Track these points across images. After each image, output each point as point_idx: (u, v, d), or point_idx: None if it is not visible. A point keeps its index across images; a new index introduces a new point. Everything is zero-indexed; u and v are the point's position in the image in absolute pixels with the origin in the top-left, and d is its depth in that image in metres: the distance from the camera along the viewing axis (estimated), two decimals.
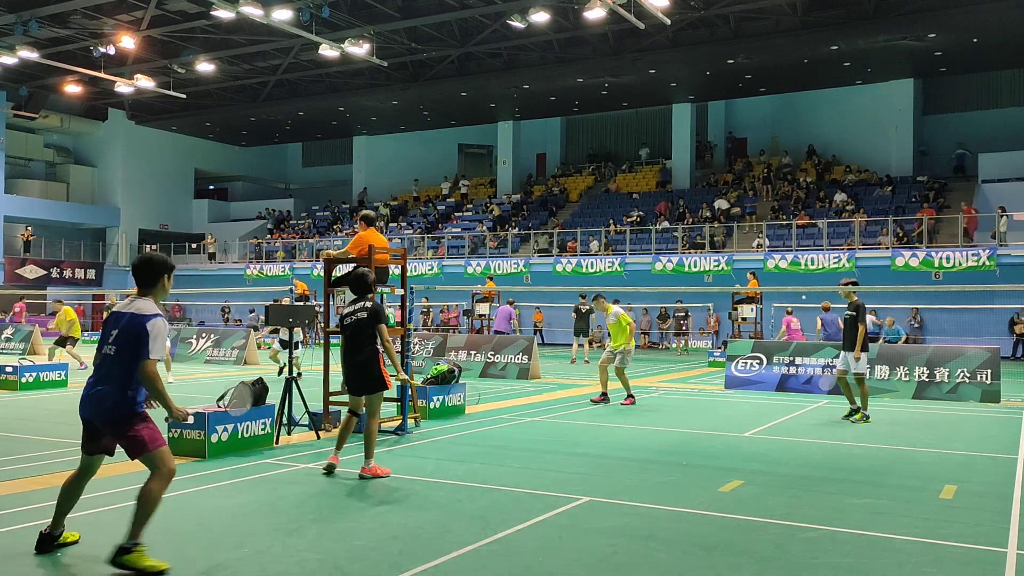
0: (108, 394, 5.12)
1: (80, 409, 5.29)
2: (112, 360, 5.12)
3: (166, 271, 5.30)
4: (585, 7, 23.14)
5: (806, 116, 37.26)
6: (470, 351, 18.56)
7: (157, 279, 5.26)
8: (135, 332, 5.05)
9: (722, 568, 5.15)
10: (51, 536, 5.29)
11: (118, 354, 5.10)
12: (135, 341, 5.05)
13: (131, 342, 5.06)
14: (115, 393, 5.11)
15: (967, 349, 14.87)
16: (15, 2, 27.12)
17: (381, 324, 7.72)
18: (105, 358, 5.17)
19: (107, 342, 5.16)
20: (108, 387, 5.12)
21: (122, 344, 5.09)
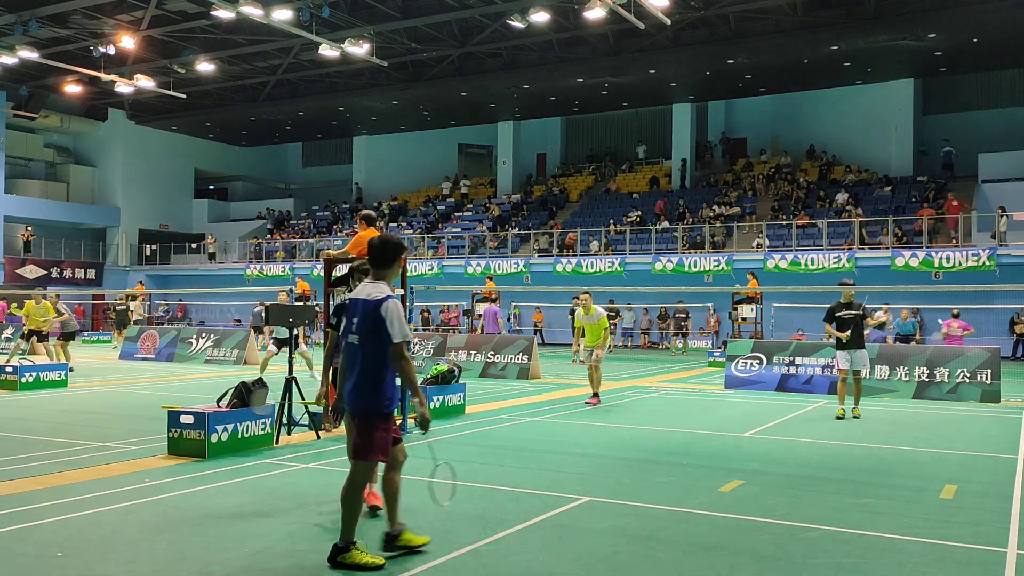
0: (360, 385, 5.06)
1: (340, 402, 5.32)
2: (358, 349, 5.07)
3: (400, 253, 5.29)
4: (585, 7, 23.14)
5: (806, 116, 37.26)
6: (470, 351, 18.56)
7: (393, 260, 5.23)
8: (373, 318, 4.99)
9: (722, 568, 5.15)
10: (390, 535, 5.25)
11: (362, 342, 5.05)
12: (375, 327, 4.99)
13: (372, 328, 5.00)
14: (367, 384, 5.05)
15: (967, 349, 14.88)
16: (15, 2, 27.11)
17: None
18: (349, 348, 5.14)
19: (350, 331, 5.12)
20: (361, 378, 5.06)
21: (364, 332, 5.03)
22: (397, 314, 4.98)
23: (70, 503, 6.57)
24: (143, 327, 25.14)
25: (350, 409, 5.13)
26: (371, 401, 5.02)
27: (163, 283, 42.29)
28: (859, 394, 12.25)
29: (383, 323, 4.95)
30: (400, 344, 4.96)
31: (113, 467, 8.03)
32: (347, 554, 4.97)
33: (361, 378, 5.03)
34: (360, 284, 5.34)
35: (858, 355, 12.11)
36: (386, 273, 5.22)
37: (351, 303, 5.20)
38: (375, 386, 5.01)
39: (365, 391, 5.03)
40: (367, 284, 5.20)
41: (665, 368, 21.85)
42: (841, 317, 12.14)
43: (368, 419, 5.03)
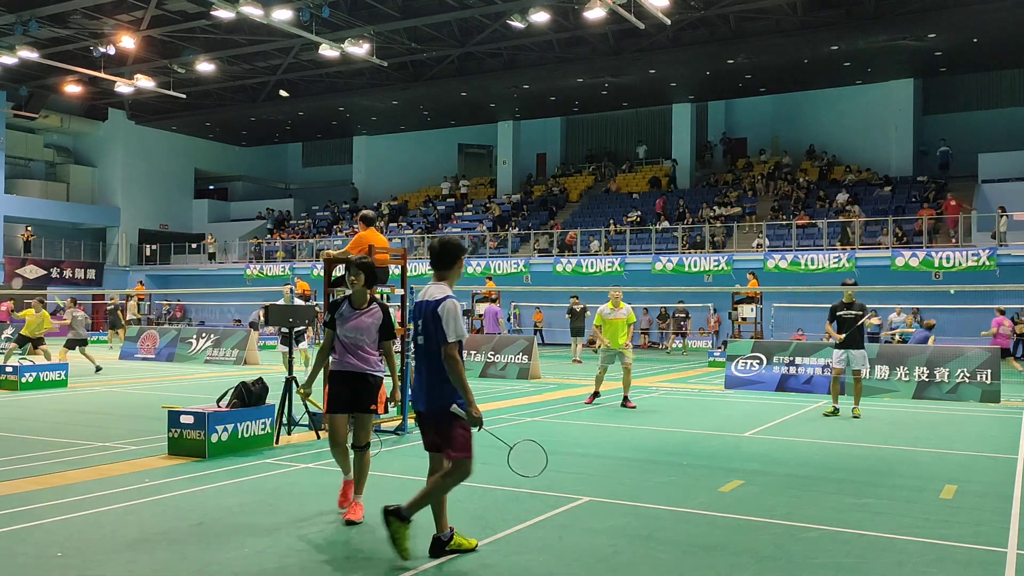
0: (430, 385, 5.17)
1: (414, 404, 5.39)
2: (424, 350, 5.21)
3: (461, 254, 5.40)
4: (585, 7, 23.14)
5: (806, 116, 37.26)
6: (470, 351, 18.55)
7: (453, 262, 5.34)
8: (433, 318, 5.12)
9: (722, 568, 5.15)
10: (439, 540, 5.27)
11: (427, 342, 5.18)
12: (436, 327, 5.11)
13: (434, 329, 5.12)
14: (435, 383, 5.15)
15: (967, 349, 14.88)
16: (15, 2, 27.12)
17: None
18: (418, 348, 5.29)
19: (417, 332, 5.29)
20: (427, 378, 5.19)
21: (428, 332, 5.17)
22: (454, 314, 5.11)
23: (70, 503, 6.57)
24: (143, 327, 25.14)
25: (424, 409, 5.25)
26: (445, 400, 5.14)
27: (163, 283, 42.29)
28: (859, 394, 12.33)
29: (440, 322, 5.09)
30: (452, 344, 5.06)
31: (113, 467, 8.03)
32: (452, 542, 5.21)
33: (432, 378, 5.17)
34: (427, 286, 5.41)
35: (856, 355, 12.18)
36: (448, 274, 5.34)
37: (416, 306, 5.33)
38: (444, 384, 5.13)
39: (435, 390, 5.16)
40: (431, 286, 5.32)
41: (665, 368, 21.84)
42: (841, 317, 12.18)
43: (445, 416, 5.14)
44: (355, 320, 6.26)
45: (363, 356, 6.25)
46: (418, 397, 5.28)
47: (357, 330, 6.24)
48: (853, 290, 12.37)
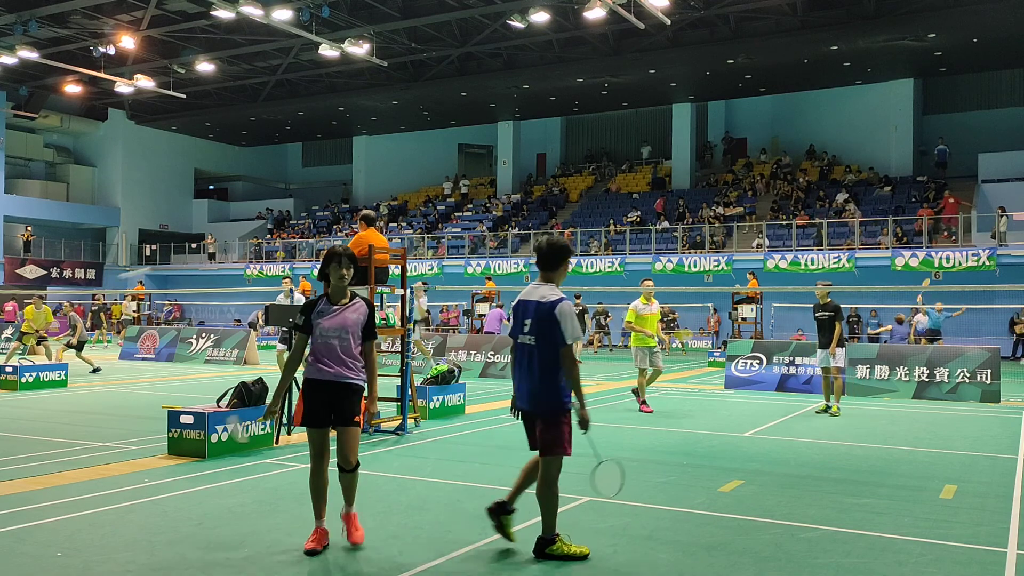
0: (539, 384, 5.21)
1: (517, 400, 5.41)
2: (534, 349, 5.22)
3: (568, 255, 5.43)
4: (585, 7, 23.13)
5: (806, 116, 37.26)
6: (470, 351, 18.56)
7: (560, 263, 5.37)
8: (548, 319, 5.14)
9: (722, 568, 5.15)
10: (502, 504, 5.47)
11: (538, 343, 5.20)
12: (550, 328, 5.13)
13: (547, 329, 5.15)
14: (544, 383, 5.19)
15: (967, 349, 14.88)
16: (15, 2, 27.12)
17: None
18: (524, 348, 5.29)
19: (522, 331, 5.28)
20: (537, 377, 5.21)
21: (539, 333, 5.19)
22: (570, 315, 5.15)
23: (70, 503, 6.57)
24: (143, 327, 25.13)
25: (531, 408, 5.28)
26: (552, 399, 5.20)
27: (163, 283, 42.30)
28: (838, 392, 12.49)
29: (557, 324, 5.11)
30: (570, 345, 5.14)
31: (113, 467, 8.03)
32: (553, 546, 5.18)
33: (540, 378, 5.21)
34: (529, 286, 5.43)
35: (824, 353, 12.38)
36: (554, 275, 5.37)
37: (521, 304, 5.35)
38: (554, 384, 5.19)
39: (546, 390, 5.21)
40: (538, 286, 5.34)
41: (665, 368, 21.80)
42: (818, 319, 12.36)
43: (552, 416, 5.21)
44: (337, 317, 5.43)
45: (344, 361, 5.40)
46: (524, 396, 5.32)
47: (341, 328, 5.40)
48: (825, 290, 12.45)
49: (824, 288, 12.49)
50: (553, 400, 5.20)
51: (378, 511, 6.36)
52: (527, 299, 5.33)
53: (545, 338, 5.17)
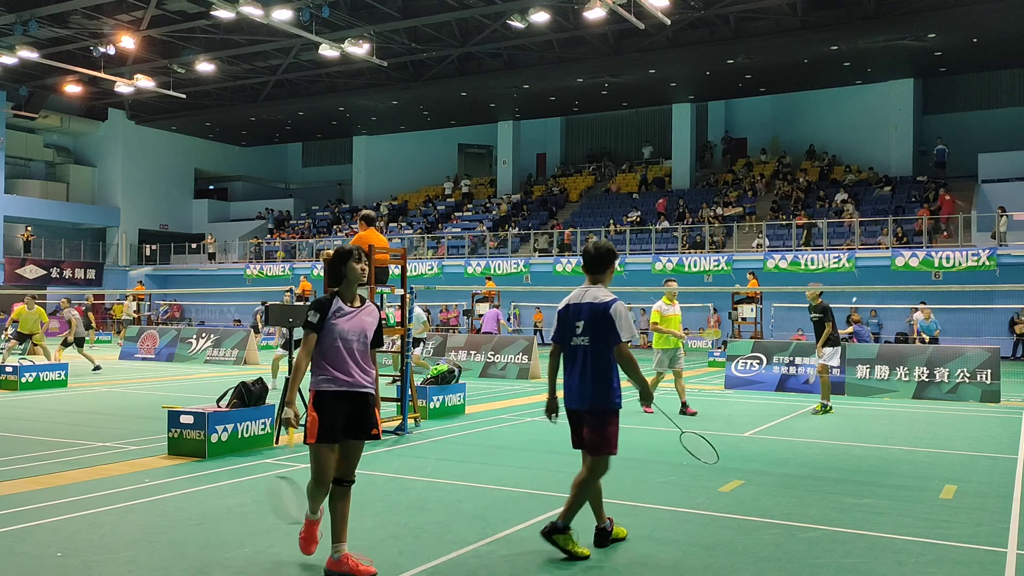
0: (594, 384, 5.34)
1: (566, 402, 5.51)
2: (589, 350, 5.35)
3: (614, 258, 5.59)
4: (585, 7, 23.13)
5: (806, 116, 37.27)
6: (470, 351, 18.56)
7: (608, 265, 5.54)
8: (603, 319, 5.29)
9: (722, 568, 5.15)
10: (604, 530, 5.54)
11: (593, 343, 5.34)
12: (605, 328, 5.29)
13: (601, 330, 5.30)
14: (599, 383, 5.34)
15: (967, 349, 14.88)
16: (15, 2, 27.12)
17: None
18: (577, 349, 5.40)
19: (575, 334, 5.40)
20: (592, 378, 5.35)
21: (594, 333, 5.33)
22: (626, 315, 5.32)
23: (70, 503, 6.57)
24: (143, 327, 25.13)
25: (583, 407, 5.40)
26: (606, 399, 5.35)
27: (163, 283, 42.30)
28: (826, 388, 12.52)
29: (613, 324, 5.27)
30: (626, 343, 5.30)
31: (113, 467, 8.03)
32: (562, 536, 5.27)
33: (595, 378, 5.34)
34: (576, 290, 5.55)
35: (826, 351, 12.41)
36: (602, 277, 5.54)
37: (572, 307, 5.47)
38: (608, 384, 5.34)
39: (599, 390, 5.34)
40: (588, 289, 5.49)
41: None
42: (811, 320, 12.43)
43: (603, 415, 5.36)
44: (355, 319, 5.02)
45: (362, 367, 5.04)
46: (575, 396, 5.43)
47: (360, 332, 5.03)
48: (815, 291, 12.49)
49: (814, 289, 12.56)
50: (606, 400, 5.35)
51: (378, 511, 6.36)
52: (578, 302, 5.45)
53: (600, 338, 5.32)
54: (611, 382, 5.35)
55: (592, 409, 5.36)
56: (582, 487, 5.39)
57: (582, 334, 5.37)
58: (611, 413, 5.37)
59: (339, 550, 4.91)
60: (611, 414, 5.37)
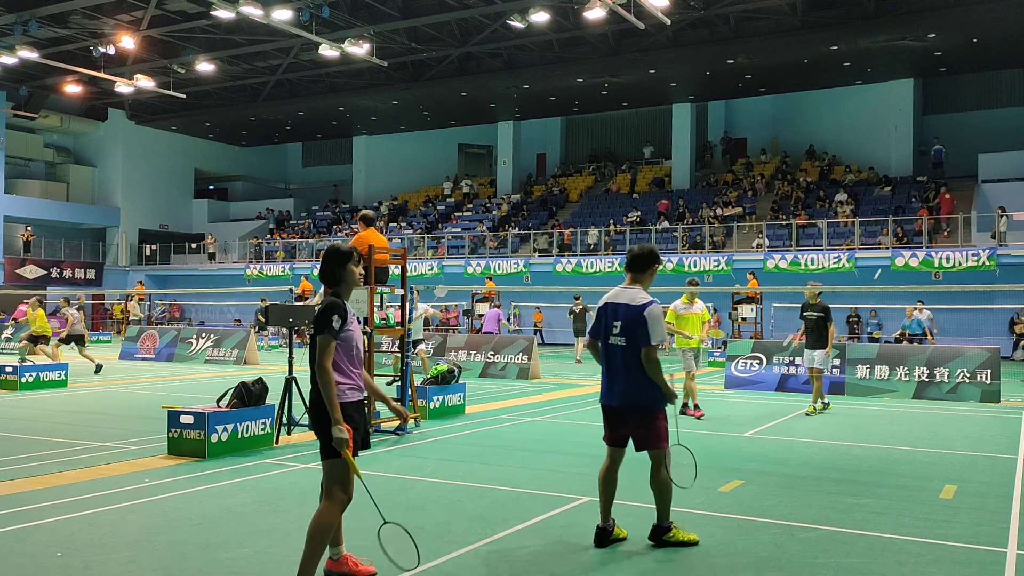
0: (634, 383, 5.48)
1: (603, 399, 5.65)
2: (624, 350, 5.49)
3: (657, 261, 5.74)
4: (585, 7, 23.13)
5: (806, 116, 37.26)
6: (470, 351, 18.56)
7: (648, 267, 5.67)
8: (636, 321, 5.44)
9: (722, 568, 5.15)
10: (605, 530, 5.57)
11: (630, 343, 5.46)
12: (637, 330, 5.44)
13: (634, 331, 5.44)
14: (639, 382, 5.47)
15: (967, 349, 14.88)
16: (15, 2, 27.12)
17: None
18: (616, 348, 5.53)
19: (612, 333, 5.53)
20: (631, 377, 5.49)
21: (629, 334, 5.46)
22: (657, 318, 5.44)
23: (70, 503, 6.57)
24: (143, 327, 25.13)
25: (627, 405, 5.54)
26: (649, 397, 5.50)
27: (163, 283, 42.30)
28: (817, 392, 12.51)
29: (645, 326, 5.42)
30: (654, 346, 5.43)
31: (113, 467, 8.03)
32: (669, 533, 5.47)
33: (634, 377, 5.49)
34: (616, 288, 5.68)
35: (816, 354, 12.40)
36: (642, 278, 5.68)
37: (610, 306, 5.60)
38: (647, 381, 5.48)
39: (643, 389, 5.49)
40: (626, 289, 5.63)
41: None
42: (806, 318, 12.38)
43: (649, 413, 5.52)
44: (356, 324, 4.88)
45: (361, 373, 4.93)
46: (614, 395, 5.56)
47: (361, 338, 4.95)
48: (814, 291, 12.50)
49: (814, 288, 12.56)
50: (649, 398, 5.50)
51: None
52: (615, 301, 5.59)
53: (635, 339, 5.45)
54: (652, 383, 5.50)
55: (633, 407, 5.52)
56: (659, 484, 5.51)
57: (619, 334, 5.51)
58: (657, 409, 5.53)
59: (339, 552, 4.93)
60: (658, 410, 5.53)
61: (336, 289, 4.83)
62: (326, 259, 4.87)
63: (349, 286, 4.86)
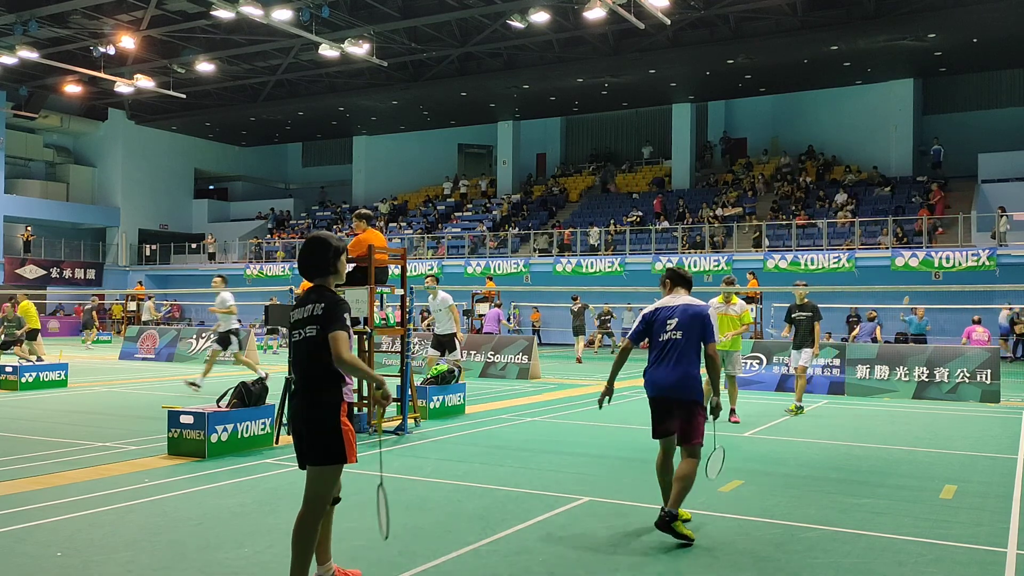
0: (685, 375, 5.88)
1: (650, 389, 6.03)
2: (681, 345, 5.91)
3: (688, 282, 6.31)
4: (585, 7, 23.13)
5: (806, 116, 37.25)
6: (470, 351, 18.56)
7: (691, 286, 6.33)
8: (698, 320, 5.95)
9: (722, 568, 5.15)
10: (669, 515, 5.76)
11: (686, 340, 5.91)
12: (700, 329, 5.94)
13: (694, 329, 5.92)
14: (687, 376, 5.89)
15: (967, 349, 14.87)
16: (15, 2, 27.12)
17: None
18: (671, 343, 5.96)
19: (665, 331, 5.99)
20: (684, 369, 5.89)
21: (688, 332, 5.92)
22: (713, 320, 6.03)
23: (70, 503, 6.57)
24: (143, 327, 25.13)
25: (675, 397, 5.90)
26: (694, 390, 5.91)
27: (163, 283, 42.30)
28: (800, 390, 12.57)
29: (709, 325, 5.99)
30: (714, 343, 6.00)
31: (113, 467, 8.03)
32: (676, 522, 5.64)
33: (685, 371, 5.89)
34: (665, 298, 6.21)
35: (805, 353, 12.45)
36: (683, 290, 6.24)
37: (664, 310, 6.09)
38: (696, 377, 5.95)
39: (688, 381, 5.88)
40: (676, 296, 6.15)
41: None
42: (795, 319, 12.42)
43: (692, 406, 5.90)
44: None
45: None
46: (665, 386, 5.92)
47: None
48: (804, 291, 12.55)
49: (803, 289, 12.61)
50: (695, 391, 5.90)
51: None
52: (671, 305, 6.09)
53: (693, 336, 5.91)
54: (698, 377, 5.94)
55: (684, 400, 5.88)
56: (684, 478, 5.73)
57: (675, 329, 5.95)
58: (699, 405, 5.91)
59: (328, 568, 4.64)
60: (699, 405, 5.91)
61: (323, 281, 4.52)
62: (319, 248, 4.53)
63: (340, 278, 4.61)
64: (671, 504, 5.69)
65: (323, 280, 4.52)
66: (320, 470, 4.39)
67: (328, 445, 4.35)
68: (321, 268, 4.52)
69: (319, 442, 4.36)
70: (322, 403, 4.37)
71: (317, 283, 4.54)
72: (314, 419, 4.38)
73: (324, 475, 4.39)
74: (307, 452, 4.39)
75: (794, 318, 12.49)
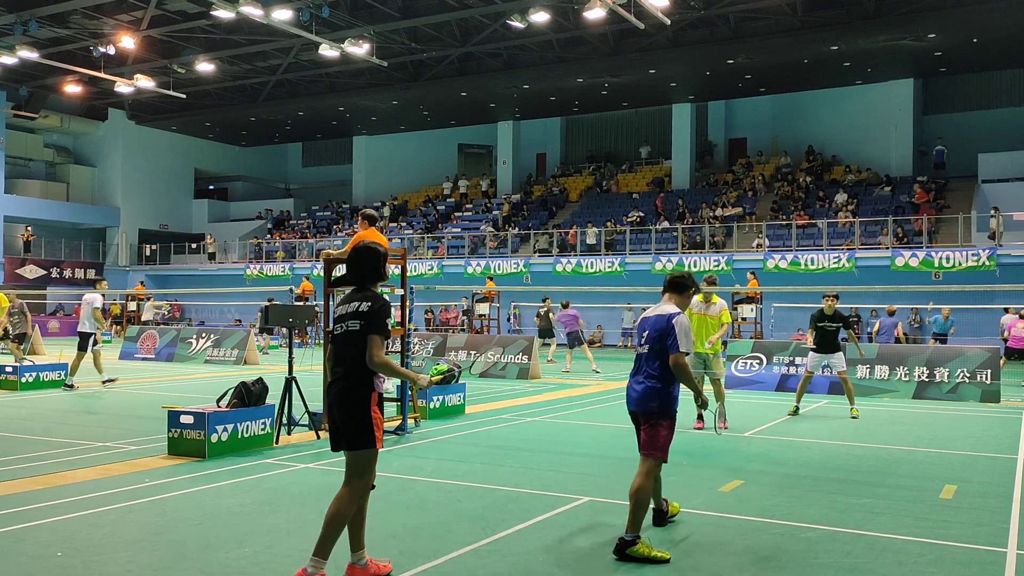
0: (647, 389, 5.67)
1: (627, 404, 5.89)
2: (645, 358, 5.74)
3: (695, 287, 6.14)
4: (585, 7, 23.13)
5: (806, 116, 37.25)
6: (470, 351, 18.56)
7: (685, 291, 6.04)
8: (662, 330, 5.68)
9: (722, 568, 5.15)
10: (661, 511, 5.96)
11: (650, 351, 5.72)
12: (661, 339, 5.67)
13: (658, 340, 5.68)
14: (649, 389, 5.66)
15: (967, 349, 14.88)
16: (15, 2, 27.12)
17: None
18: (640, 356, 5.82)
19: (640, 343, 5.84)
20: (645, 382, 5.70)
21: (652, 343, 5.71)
22: (685, 328, 5.64)
23: (70, 503, 6.57)
24: (143, 327, 25.13)
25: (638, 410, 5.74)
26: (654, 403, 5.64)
27: (163, 283, 42.30)
28: (850, 393, 12.34)
29: (673, 333, 5.62)
30: (681, 353, 5.61)
31: (113, 467, 8.03)
32: (634, 547, 5.28)
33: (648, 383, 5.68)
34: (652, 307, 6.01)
35: (835, 358, 12.29)
36: (681, 300, 5.99)
37: (643, 321, 5.94)
38: (657, 390, 5.65)
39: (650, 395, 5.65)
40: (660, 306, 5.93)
41: None
42: (822, 328, 12.24)
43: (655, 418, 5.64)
44: None
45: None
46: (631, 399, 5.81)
47: None
48: (834, 304, 12.31)
49: (833, 302, 12.37)
50: (656, 404, 5.62)
51: (378, 511, 6.35)
52: (648, 316, 5.91)
53: (657, 347, 5.66)
54: (663, 389, 5.62)
55: (643, 411, 5.67)
56: (638, 495, 5.44)
57: (644, 343, 5.77)
58: (662, 417, 5.62)
59: (361, 556, 4.89)
60: (662, 418, 5.61)
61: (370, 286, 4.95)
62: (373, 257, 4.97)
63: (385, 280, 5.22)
64: (627, 527, 5.35)
65: (369, 285, 4.96)
66: (354, 455, 4.77)
67: (358, 431, 4.73)
68: (371, 274, 4.97)
69: (350, 428, 4.75)
70: (356, 393, 4.75)
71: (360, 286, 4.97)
72: (348, 407, 4.76)
73: (358, 459, 4.77)
74: (342, 437, 4.80)
75: (820, 327, 12.36)
